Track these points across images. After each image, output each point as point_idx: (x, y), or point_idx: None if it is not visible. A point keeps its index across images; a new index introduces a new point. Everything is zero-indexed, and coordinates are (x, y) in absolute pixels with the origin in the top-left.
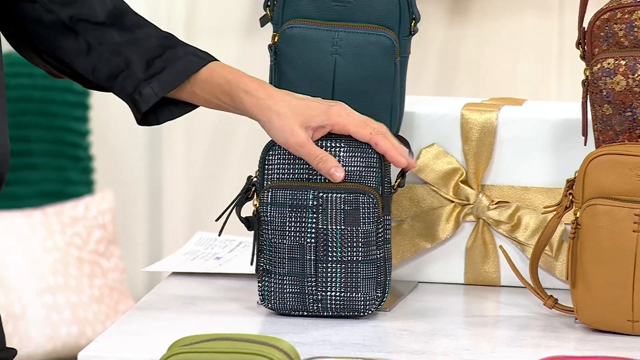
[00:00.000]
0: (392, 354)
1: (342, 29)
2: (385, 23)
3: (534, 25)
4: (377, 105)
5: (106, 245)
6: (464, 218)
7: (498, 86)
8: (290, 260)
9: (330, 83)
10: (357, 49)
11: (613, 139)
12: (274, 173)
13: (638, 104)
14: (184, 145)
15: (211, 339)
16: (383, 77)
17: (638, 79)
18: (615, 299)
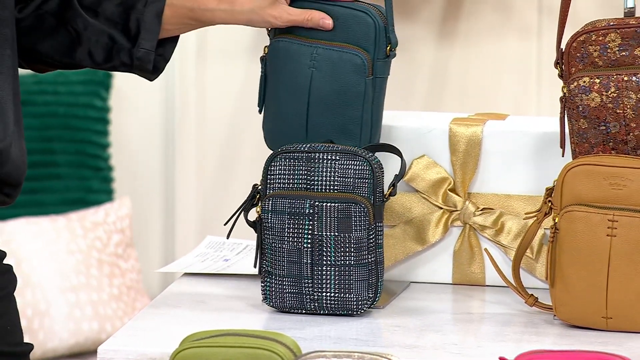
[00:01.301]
0: (386, 348)
1: (321, 46)
2: (361, 44)
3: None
4: (347, 117)
5: (124, 248)
6: (452, 223)
7: (482, 102)
8: (289, 263)
9: (307, 94)
10: (331, 65)
11: (588, 151)
12: (276, 182)
13: (611, 119)
14: (195, 156)
15: (220, 334)
16: (353, 93)
17: (611, 96)
18: (590, 297)
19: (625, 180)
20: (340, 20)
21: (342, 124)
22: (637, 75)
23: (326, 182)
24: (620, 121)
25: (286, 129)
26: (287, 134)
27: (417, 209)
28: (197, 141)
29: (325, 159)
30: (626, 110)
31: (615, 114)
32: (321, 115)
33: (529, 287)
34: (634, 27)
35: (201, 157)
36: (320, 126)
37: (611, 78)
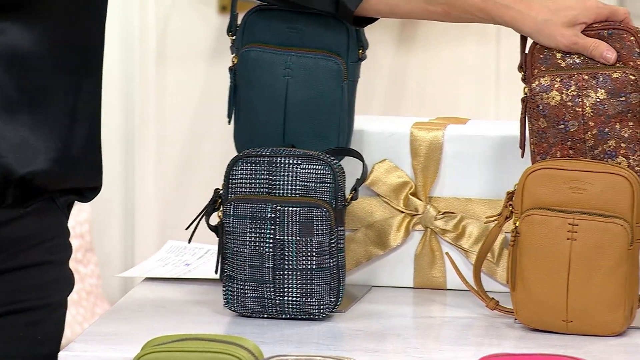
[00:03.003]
0: (347, 352)
1: (294, 54)
2: (334, 49)
3: (473, 51)
4: (325, 124)
5: (84, 253)
6: (413, 227)
7: (441, 106)
8: (251, 267)
9: (283, 103)
10: (307, 72)
11: (547, 151)
12: (237, 186)
13: (570, 117)
14: (155, 161)
15: (181, 339)
16: (331, 99)
17: (571, 94)
18: (551, 300)
19: (585, 184)
20: (312, 27)
21: (320, 130)
22: (598, 75)
23: (288, 186)
24: (579, 119)
25: (263, 139)
26: (263, 143)
27: (378, 213)
28: (157, 146)
29: (287, 163)
30: (585, 109)
31: (574, 112)
32: (298, 122)
33: (489, 291)
34: (597, 29)
35: (161, 161)
36: (298, 134)
37: (572, 77)
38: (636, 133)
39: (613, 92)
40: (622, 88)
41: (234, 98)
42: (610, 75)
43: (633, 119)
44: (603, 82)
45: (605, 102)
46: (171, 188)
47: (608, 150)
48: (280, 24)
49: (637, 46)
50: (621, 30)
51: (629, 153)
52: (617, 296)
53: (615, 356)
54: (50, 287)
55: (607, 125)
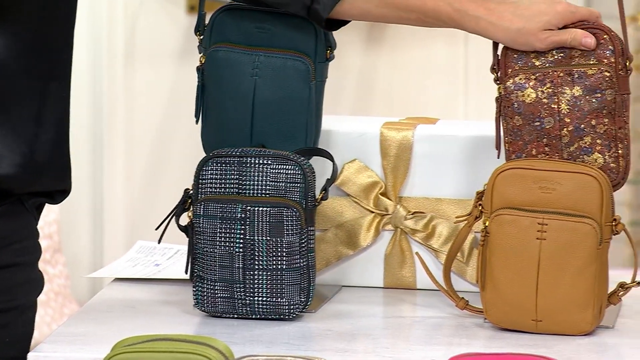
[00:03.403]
0: (317, 352)
1: (262, 53)
2: (302, 49)
3: (441, 51)
4: (293, 124)
5: (52, 254)
6: (383, 227)
7: (410, 106)
8: (221, 267)
9: (250, 102)
10: (275, 72)
11: (522, 149)
12: (207, 186)
13: (546, 114)
14: (123, 161)
15: (151, 339)
16: (299, 99)
17: (546, 92)
18: (520, 300)
19: (554, 184)
20: (280, 27)
21: (288, 131)
22: (573, 72)
23: (258, 187)
24: (555, 116)
25: (230, 139)
26: (231, 143)
27: (348, 213)
28: (126, 146)
29: (257, 163)
30: (561, 105)
31: (550, 109)
32: (266, 122)
33: (459, 291)
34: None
35: (130, 162)
36: (266, 134)
37: (547, 74)
38: (611, 130)
39: (588, 88)
40: (598, 85)
41: (202, 98)
42: (585, 72)
43: (608, 115)
44: (578, 79)
45: (581, 99)
46: (140, 188)
47: (584, 146)
48: (248, 24)
49: (610, 44)
50: (594, 29)
51: (605, 149)
52: (586, 296)
53: (585, 355)
54: (19, 289)
55: (582, 121)
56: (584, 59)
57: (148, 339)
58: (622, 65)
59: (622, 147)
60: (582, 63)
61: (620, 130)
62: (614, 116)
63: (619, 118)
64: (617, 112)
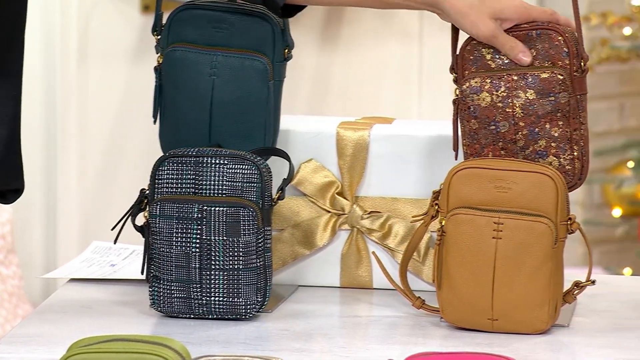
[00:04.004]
0: (274, 351)
1: (220, 53)
2: (260, 49)
3: (396, 51)
4: (251, 124)
5: (5, 254)
6: (340, 227)
7: (365, 106)
8: (177, 267)
9: (209, 102)
10: (233, 72)
11: (479, 152)
12: (164, 186)
13: (501, 118)
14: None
15: (108, 340)
16: (257, 98)
17: (501, 95)
18: (476, 299)
19: (510, 183)
20: (238, 27)
21: (246, 130)
22: (527, 75)
23: (214, 186)
24: (510, 120)
25: (188, 139)
26: (189, 143)
27: (305, 212)
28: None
29: (213, 163)
30: (515, 109)
31: (504, 113)
32: (225, 122)
33: (416, 290)
34: (525, 30)
35: (83, 162)
36: (224, 133)
37: (502, 78)
38: (566, 132)
39: (542, 92)
40: (551, 88)
41: (160, 98)
42: (539, 75)
43: (562, 118)
44: (532, 82)
45: (535, 103)
46: (94, 188)
47: (539, 150)
48: (206, 24)
49: (565, 46)
50: (549, 30)
51: (560, 152)
52: (541, 294)
53: (540, 354)
54: None
55: (537, 125)
56: (539, 61)
57: (104, 340)
58: (577, 67)
59: (578, 149)
60: (536, 65)
61: (575, 132)
62: (568, 119)
63: (574, 120)
64: (572, 114)
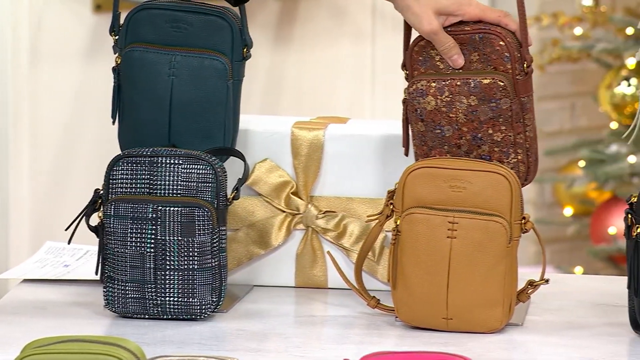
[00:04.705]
0: (230, 352)
1: (179, 53)
2: (219, 48)
3: (349, 51)
4: (211, 123)
5: None
6: (295, 227)
7: (318, 106)
8: (132, 268)
9: (168, 103)
10: (192, 72)
11: (427, 154)
12: (118, 186)
13: (445, 123)
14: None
15: (62, 340)
16: (216, 98)
17: (445, 100)
18: (431, 298)
19: (464, 182)
20: (196, 26)
21: (206, 130)
22: (469, 81)
23: (169, 186)
24: (453, 125)
25: (147, 139)
26: (148, 143)
27: (260, 212)
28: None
29: (168, 163)
30: (458, 115)
31: (448, 118)
32: (184, 122)
33: (371, 290)
34: (469, 33)
35: (36, 162)
36: (183, 133)
37: (445, 83)
38: (509, 136)
39: (484, 98)
40: (492, 94)
41: (118, 98)
42: (480, 81)
43: (505, 123)
44: (474, 88)
45: (477, 108)
46: (46, 189)
47: (482, 154)
48: (164, 24)
49: (506, 51)
50: (491, 35)
51: (503, 157)
52: (496, 293)
53: (495, 352)
54: None
55: (479, 130)
56: (482, 64)
57: (59, 340)
58: (520, 70)
59: (522, 152)
60: (479, 69)
61: (518, 135)
62: (511, 123)
63: (517, 124)
64: (515, 118)
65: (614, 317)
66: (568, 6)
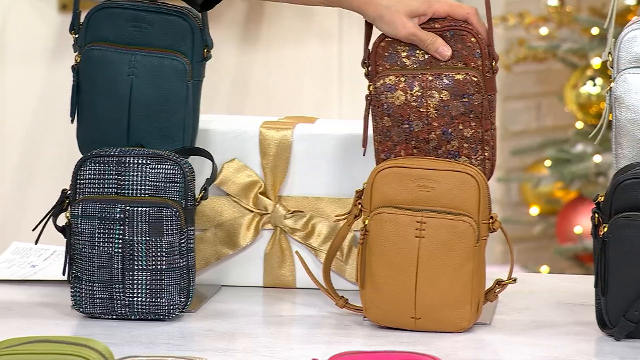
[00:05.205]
0: (198, 352)
1: (139, 52)
2: (179, 49)
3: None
4: (170, 123)
5: None
6: (263, 226)
7: (285, 105)
8: (100, 268)
9: (127, 102)
10: (152, 72)
11: (391, 149)
12: (86, 187)
13: (414, 117)
14: None
15: (29, 341)
16: (176, 98)
17: (415, 95)
18: (399, 298)
19: (433, 182)
20: (157, 26)
21: (165, 130)
22: (442, 76)
23: (137, 186)
24: (423, 120)
25: (106, 138)
26: (107, 143)
27: (228, 212)
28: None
29: (136, 163)
30: (429, 109)
31: (418, 113)
32: (143, 122)
33: (339, 289)
34: (439, 30)
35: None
36: (143, 133)
37: (416, 77)
38: (478, 133)
39: (456, 93)
40: (465, 89)
41: (77, 97)
42: (453, 76)
43: (475, 119)
44: (447, 83)
45: (449, 103)
46: (12, 189)
47: (451, 150)
48: (125, 23)
49: (478, 47)
50: (462, 31)
51: (471, 153)
52: (464, 293)
53: (462, 352)
54: None
55: (450, 125)
56: (452, 60)
57: (26, 341)
58: (489, 67)
59: (489, 149)
60: (450, 66)
61: (486, 132)
62: (480, 119)
63: (485, 121)
64: (484, 115)
65: (581, 316)
66: (534, 6)
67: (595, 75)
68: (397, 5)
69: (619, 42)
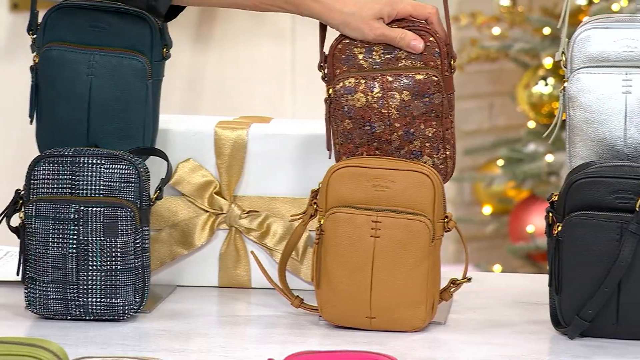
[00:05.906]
0: (153, 352)
1: (98, 52)
2: (138, 48)
3: (269, 51)
4: (130, 123)
5: None
6: (218, 226)
7: (238, 105)
8: (54, 269)
9: (86, 102)
10: (111, 71)
11: (353, 152)
12: (39, 187)
13: (376, 119)
14: None
15: None
16: (135, 97)
17: (376, 96)
18: (355, 297)
19: (388, 182)
20: (115, 26)
21: (125, 129)
22: (402, 76)
23: (91, 187)
24: (385, 121)
25: (66, 138)
26: (67, 143)
27: (183, 212)
28: None
29: (90, 163)
30: (391, 110)
31: (380, 114)
32: (103, 122)
33: (294, 289)
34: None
35: None
36: (102, 133)
37: (376, 79)
38: (439, 132)
39: (417, 93)
40: (426, 89)
41: (36, 98)
42: (413, 76)
43: (436, 118)
44: (407, 83)
45: (410, 104)
46: None
47: (414, 150)
48: (83, 22)
49: (437, 46)
50: (421, 31)
51: (433, 152)
52: (419, 292)
53: (418, 351)
54: None
55: (412, 126)
56: (411, 60)
57: None
58: (447, 66)
59: (450, 148)
60: (409, 66)
61: (447, 131)
62: (441, 119)
63: (446, 120)
64: (444, 114)
65: (535, 315)
66: (486, 6)
67: (547, 75)
68: (361, 11)
69: (573, 42)
